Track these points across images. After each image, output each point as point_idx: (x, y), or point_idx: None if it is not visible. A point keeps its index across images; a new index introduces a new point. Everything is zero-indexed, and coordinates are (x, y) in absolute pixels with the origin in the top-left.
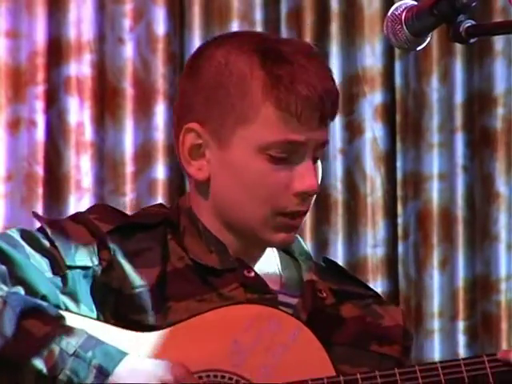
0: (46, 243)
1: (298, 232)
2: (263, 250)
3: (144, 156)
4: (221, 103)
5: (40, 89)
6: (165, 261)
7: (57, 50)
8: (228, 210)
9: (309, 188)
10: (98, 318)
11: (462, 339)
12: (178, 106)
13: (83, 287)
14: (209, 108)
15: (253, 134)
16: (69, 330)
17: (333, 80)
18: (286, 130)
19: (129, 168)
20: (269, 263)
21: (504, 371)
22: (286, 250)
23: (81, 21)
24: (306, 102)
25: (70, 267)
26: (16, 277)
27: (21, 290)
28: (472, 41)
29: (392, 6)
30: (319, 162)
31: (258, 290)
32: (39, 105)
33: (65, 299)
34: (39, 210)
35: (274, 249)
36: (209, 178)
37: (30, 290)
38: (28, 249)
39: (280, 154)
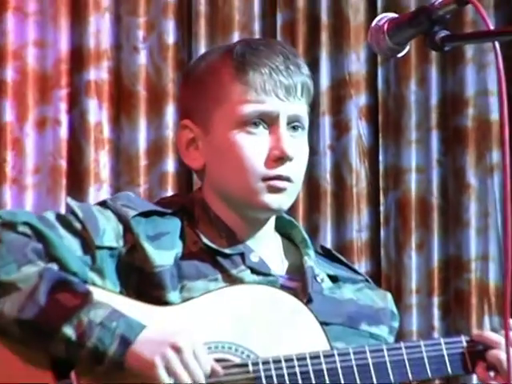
0: (78, 225)
1: (292, 215)
2: (267, 234)
3: (155, 151)
4: (201, 94)
5: (64, 92)
6: (181, 244)
7: (78, 58)
8: (223, 187)
9: (282, 153)
10: (121, 293)
11: (436, 313)
12: (178, 109)
13: (109, 265)
14: (195, 102)
15: (227, 111)
16: (96, 303)
17: (297, 62)
18: (256, 103)
19: (142, 162)
20: (273, 250)
21: (479, 350)
22: (288, 238)
23: (99, 32)
24: (270, 78)
25: (99, 247)
26: (50, 255)
27: (55, 266)
28: (446, 49)
29: (375, 18)
30: (302, 139)
31: (263, 273)
32: (63, 106)
33: (92, 275)
34: (62, 200)
35: (278, 237)
36: (204, 165)
37: (63, 267)
38: (62, 230)
39: (254, 128)
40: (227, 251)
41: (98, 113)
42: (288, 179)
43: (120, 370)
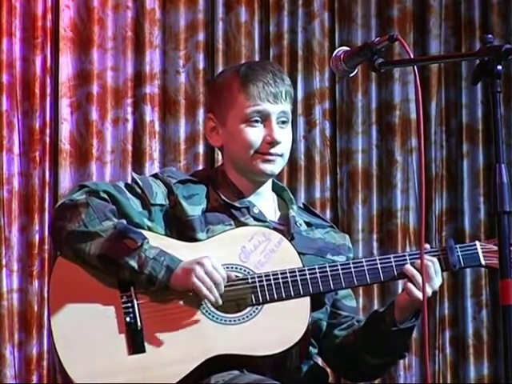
0: (139, 190)
1: (279, 181)
2: (265, 193)
3: (191, 139)
4: (219, 98)
5: (130, 100)
6: (206, 201)
7: (139, 78)
8: (235, 160)
9: (272, 138)
10: (166, 235)
11: (375, 245)
12: (206, 108)
13: (159, 216)
14: (215, 103)
15: (236, 112)
16: (150, 246)
17: (282, 76)
18: (253, 105)
19: (182, 146)
20: (269, 205)
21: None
22: (281, 197)
23: (153, 61)
24: (263, 89)
25: (153, 205)
26: (121, 212)
27: (124, 221)
28: (382, 71)
29: (335, 50)
30: (288, 128)
31: (261, 220)
32: (129, 109)
33: (148, 223)
34: (129, 171)
35: (275, 196)
36: (222, 145)
37: (129, 220)
38: (128, 194)
39: (255, 122)
40: (238, 205)
41: (151, 114)
42: (277, 155)
43: (166, 289)
